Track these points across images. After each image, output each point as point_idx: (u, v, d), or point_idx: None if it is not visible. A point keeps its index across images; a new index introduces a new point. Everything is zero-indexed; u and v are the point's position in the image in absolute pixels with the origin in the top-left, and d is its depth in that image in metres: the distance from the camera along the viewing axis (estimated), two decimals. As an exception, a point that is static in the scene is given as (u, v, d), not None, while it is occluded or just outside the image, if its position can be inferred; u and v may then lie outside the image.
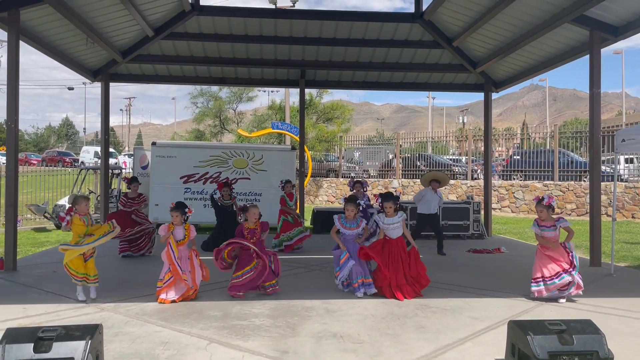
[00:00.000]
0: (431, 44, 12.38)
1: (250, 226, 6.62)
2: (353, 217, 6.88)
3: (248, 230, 6.58)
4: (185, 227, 6.44)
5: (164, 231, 6.39)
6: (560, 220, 6.53)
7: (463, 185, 21.78)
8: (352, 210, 6.86)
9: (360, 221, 6.91)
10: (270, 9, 13.84)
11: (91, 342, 3.55)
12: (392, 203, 6.68)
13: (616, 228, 10.40)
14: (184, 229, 6.43)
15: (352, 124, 37.50)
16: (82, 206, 6.30)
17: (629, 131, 8.60)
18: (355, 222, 6.87)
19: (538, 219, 6.61)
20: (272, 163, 14.64)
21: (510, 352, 4.05)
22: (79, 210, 6.28)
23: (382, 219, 6.71)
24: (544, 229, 6.49)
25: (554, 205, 6.61)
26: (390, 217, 6.68)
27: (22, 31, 8.74)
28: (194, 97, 35.26)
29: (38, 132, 78.27)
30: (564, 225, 6.50)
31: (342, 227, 6.81)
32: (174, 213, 6.44)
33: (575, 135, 23.26)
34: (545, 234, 6.47)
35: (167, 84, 14.44)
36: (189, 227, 6.48)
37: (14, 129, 8.29)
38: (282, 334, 5.04)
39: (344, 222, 6.84)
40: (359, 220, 6.90)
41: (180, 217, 6.43)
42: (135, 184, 9.78)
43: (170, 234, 6.33)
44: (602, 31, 9.14)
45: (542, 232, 6.50)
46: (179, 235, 6.38)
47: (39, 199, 18.41)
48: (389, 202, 6.68)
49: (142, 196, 9.87)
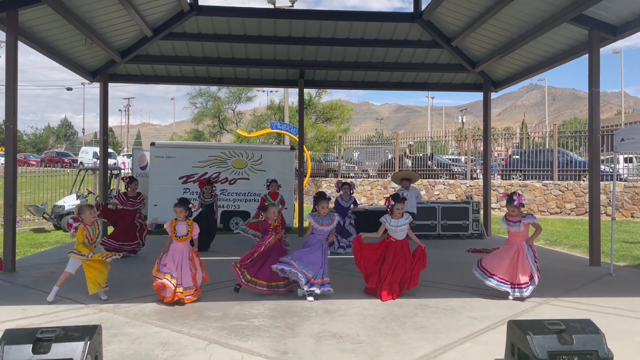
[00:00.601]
0: (430, 43, 12.38)
1: (273, 223, 6.84)
2: (326, 213, 6.89)
3: (272, 228, 6.81)
4: (188, 223, 6.47)
5: (167, 228, 6.45)
6: (527, 217, 6.67)
7: (462, 185, 21.78)
8: (325, 207, 6.88)
9: (333, 216, 6.94)
10: (269, 9, 13.82)
11: (90, 343, 3.55)
12: (402, 205, 6.76)
13: (615, 227, 10.40)
14: (187, 224, 6.46)
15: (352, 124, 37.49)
16: (87, 215, 6.34)
17: (628, 130, 8.60)
18: (329, 218, 6.89)
19: (507, 214, 6.81)
20: (271, 163, 14.64)
21: (510, 352, 4.05)
22: (85, 220, 6.33)
23: (389, 221, 6.74)
24: (511, 223, 6.71)
25: (524, 204, 6.76)
26: (397, 219, 6.71)
27: (21, 32, 8.72)
28: (192, 97, 35.27)
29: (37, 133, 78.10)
30: (530, 221, 6.63)
31: (316, 224, 6.79)
32: (178, 209, 6.47)
33: (574, 134, 23.27)
34: (510, 229, 6.71)
35: (165, 84, 14.42)
36: (192, 224, 6.50)
37: (13, 129, 8.29)
38: (282, 335, 5.03)
39: (318, 219, 6.83)
40: (331, 216, 6.93)
41: (184, 212, 6.47)
42: (134, 183, 9.85)
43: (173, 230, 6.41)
44: (601, 31, 9.14)
45: (508, 227, 6.73)
46: (181, 230, 6.41)
47: (38, 200, 18.40)
48: (401, 203, 6.74)
49: (141, 195, 9.91)
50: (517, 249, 6.59)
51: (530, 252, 6.60)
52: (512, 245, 6.67)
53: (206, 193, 10.38)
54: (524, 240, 6.65)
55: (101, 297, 6.33)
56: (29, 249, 11.82)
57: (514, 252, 6.59)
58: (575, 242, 12.54)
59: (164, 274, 6.15)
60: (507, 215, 6.80)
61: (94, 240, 6.38)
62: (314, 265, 6.48)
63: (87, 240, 6.28)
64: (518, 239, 6.65)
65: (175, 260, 6.28)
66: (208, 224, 10.10)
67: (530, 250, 6.61)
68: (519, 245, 6.61)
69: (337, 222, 6.96)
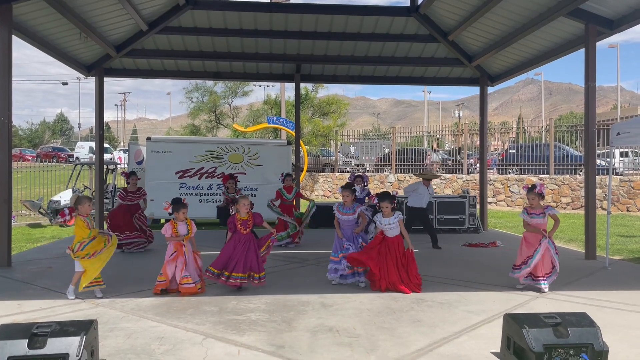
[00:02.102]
0: (427, 38, 12.36)
1: (242, 217, 6.64)
2: (350, 203, 6.91)
3: (241, 222, 6.62)
4: (187, 222, 6.52)
5: (168, 232, 6.43)
6: (549, 208, 6.69)
7: (459, 179, 21.81)
8: (348, 196, 6.89)
9: (356, 207, 6.96)
10: (266, 3, 13.73)
11: (86, 338, 3.54)
12: (388, 202, 6.65)
13: (611, 221, 10.44)
14: (186, 224, 6.49)
15: (348, 119, 37.44)
16: (84, 207, 6.21)
17: (624, 125, 8.61)
18: (352, 208, 6.92)
19: (528, 206, 6.76)
20: (268, 158, 14.62)
21: (506, 345, 4.06)
22: (82, 211, 6.19)
23: (380, 219, 6.74)
24: (533, 216, 6.65)
25: (544, 193, 6.75)
26: (387, 217, 6.67)
27: (15, 26, 8.66)
28: (189, 92, 35.19)
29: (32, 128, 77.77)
30: (551, 212, 6.65)
31: (339, 213, 6.84)
32: (183, 210, 6.50)
33: (570, 129, 23.31)
34: (534, 221, 6.63)
35: (161, 78, 14.37)
36: (190, 222, 6.55)
37: (8, 124, 8.25)
38: (278, 329, 5.04)
39: (341, 209, 6.90)
40: (355, 206, 6.95)
41: (186, 212, 6.52)
42: (133, 177, 9.75)
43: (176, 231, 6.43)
44: (597, 24, 9.13)
45: (530, 220, 6.65)
46: (182, 230, 6.45)
47: (34, 195, 18.33)
48: (385, 201, 6.66)
49: (141, 190, 9.84)
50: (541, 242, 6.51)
51: (551, 245, 6.56)
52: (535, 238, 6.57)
53: (230, 188, 10.21)
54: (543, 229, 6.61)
55: (96, 294, 6.22)
56: (24, 244, 11.79)
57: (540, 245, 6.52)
58: (571, 235, 12.59)
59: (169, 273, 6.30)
60: (528, 208, 6.73)
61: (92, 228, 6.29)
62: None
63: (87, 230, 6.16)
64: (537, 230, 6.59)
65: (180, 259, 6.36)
66: None
67: (551, 244, 6.57)
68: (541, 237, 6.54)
69: (359, 212, 6.96)
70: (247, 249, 6.54)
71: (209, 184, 14.22)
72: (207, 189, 14.11)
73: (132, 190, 9.67)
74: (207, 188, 14.17)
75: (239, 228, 6.58)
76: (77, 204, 6.23)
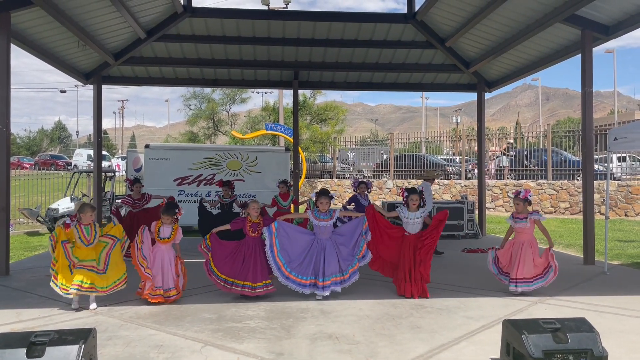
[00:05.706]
0: (424, 44, 12.41)
1: (253, 220, 6.70)
2: (325, 210, 6.84)
3: (251, 224, 6.66)
4: (173, 227, 6.47)
5: (153, 227, 6.43)
6: (534, 213, 6.75)
7: (457, 185, 21.83)
8: (327, 203, 6.86)
9: (333, 212, 6.93)
10: (263, 10, 13.83)
11: (84, 347, 3.53)
12: (417, 196, 6.81)
13: (609, 226, 10.44)
14: (171, 228, 6.45)
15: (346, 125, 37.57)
16: (86, 215, 6.15)
17: (621, 130, 8.64)
18: (329, 214, 6.86)
19: (514, 212, 6.89)
20: (266, 165, 14.63)
21: (505, 351, 4.06)
22: (83, 219, 6.12)
23: (405, 212, 6.78)
24: (517, 220, 6.78)
25: (530, 199, 6.89)
26: (412, 212, 6.77)
27: (13, 34, 8.68)
28: (187, 99, 35.28)
29: (30, 136, 77.71)
30: (535, 217, 6.72)
31: (315, 220, 6.77)
32: (165, 216, 6.45)
33: (568, 134, 23.34)
34: (517, 225, 6.77)
35: (159, 86, 14.39)
36: (177, 228, 6.50)
37: (6, 132, 8.26)
38: (277, 336, 5.03)
39: (317, 215, 6.80)
40: (331, 212, 6.91)
41: (170, 219, 6.46)
42: (137, 185, 9.72)
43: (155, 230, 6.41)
44: (593, 30, 9.18)
45: (515, 224, 6.79)
46: (164, 233, 6.40)
47: (32, 203, 18.29)
48: (415, 194, 6.81)
49: (145, 196, 9.78)
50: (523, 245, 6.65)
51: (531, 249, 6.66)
52: (518, 242, 6.72)
53: (225, 193, 10.28)
54: (529, 237, 6.72)
55: (90, 307, 6.04)
56: (22, 252, 11.76)
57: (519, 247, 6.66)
58: (570, 241, 12.59)
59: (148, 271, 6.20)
60: (514, 212, 6.89)
61: (90, 242, 6.11)
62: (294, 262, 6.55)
63: (81, 241, 6.04)
64: (524, 236, 6.72)
65: (156, 262, 6.29)
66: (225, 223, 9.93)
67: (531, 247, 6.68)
68: (525, 242, 6.67)
69: (336, 217, 6.93)
70: (256, 254, 6.56)
71: (208, 191, 14.21)
72: (205, 196, 14.11)
73: (137, 197, 9.66)
74: (205, 195, 14.17)
75: (248, 231, 6.64)
76: (79, 212, 6.21)
